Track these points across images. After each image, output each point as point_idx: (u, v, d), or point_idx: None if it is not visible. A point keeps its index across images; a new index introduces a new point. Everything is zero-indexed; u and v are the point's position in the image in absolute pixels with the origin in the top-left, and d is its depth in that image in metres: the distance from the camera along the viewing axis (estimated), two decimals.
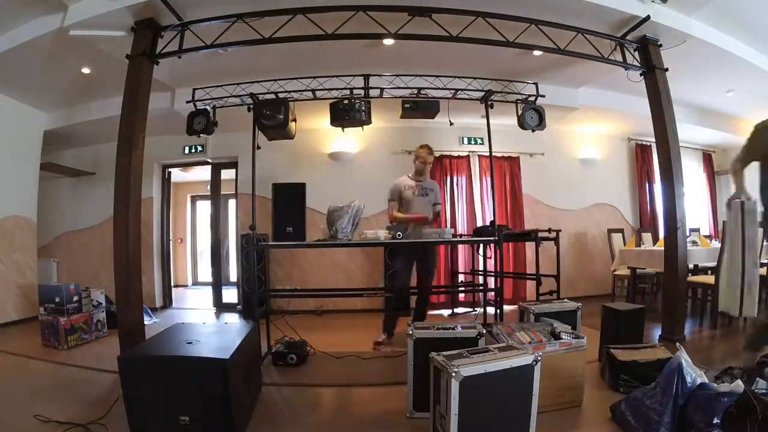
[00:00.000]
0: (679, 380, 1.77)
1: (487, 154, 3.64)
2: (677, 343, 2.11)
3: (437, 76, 3.69)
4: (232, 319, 5.04)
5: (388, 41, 3.33)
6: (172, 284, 6.04)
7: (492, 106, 3.64)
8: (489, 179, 5.21)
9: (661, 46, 3.54)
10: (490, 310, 3.86)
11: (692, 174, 6.61)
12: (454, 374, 1.61)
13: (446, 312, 5.07)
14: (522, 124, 3.57)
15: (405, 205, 3.68)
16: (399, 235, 3.03)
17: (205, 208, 8.07)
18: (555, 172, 5.93)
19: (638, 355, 2.44)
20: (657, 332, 3.56)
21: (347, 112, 3.43)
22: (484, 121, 3.58)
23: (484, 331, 2.24)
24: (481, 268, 4.60)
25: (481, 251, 4.53)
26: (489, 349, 1.86)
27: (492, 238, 3.24)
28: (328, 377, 2.82)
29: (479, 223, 5.49)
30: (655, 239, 5.60)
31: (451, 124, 3.80)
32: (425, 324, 2.41)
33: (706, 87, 4.85)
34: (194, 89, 3.63)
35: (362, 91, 3.53)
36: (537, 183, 5.82)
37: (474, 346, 2.04)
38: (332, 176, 5.52)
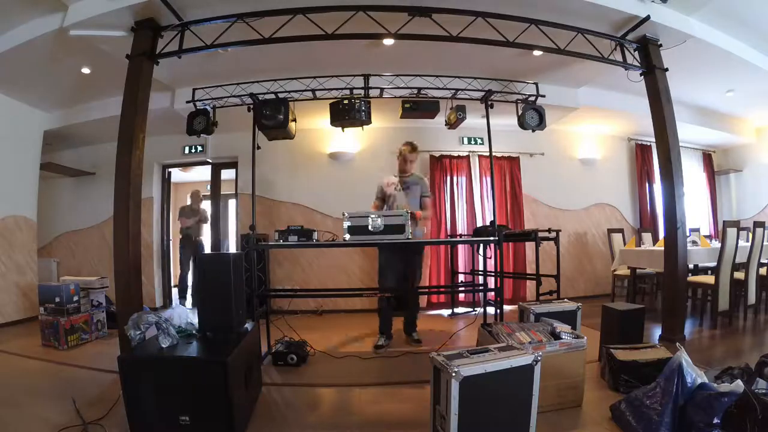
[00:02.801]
0: (679, 380, 1.77)
1: (487, 154, 3.64)
2: (677, 343, 2.11)
3: (437, 76, 3.69)
4: None
5: (388, 41, 3.33)
6: (172, 284, 6.04)
7: (492, 106, 3.64)
8: (489, 179, 5.22)
9: (661, 46, 3.54)
10: (490, 310, 3.86)
11: (692, 174, 6.61)
12: (454, 374, 1.61)
13: (446, 312, 5.07)
14: (522, 124, 3.58)
15: (388, 201, 3.64)
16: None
17: (205, 208, 8.06)
18: (555, 172, 5.93)
19: (638, 355, 2.44)
20: (657, 332, 3.56)
21: (347, 112, 3.43)
22: (484, 121, 3.58)
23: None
24: (481, 268, 4.60)
25: (481, 251, 4.53)
26: (489, 349, 1.86)
27: (492, 238, 3.24)
28: (328, 377, 2.82)
29: (479, 223, 5.49)
30: (655, 239, 5.60)
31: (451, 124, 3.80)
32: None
33: (706, 87, 4.85)
34: (194, 89, 3.64)
35: (362, 91, 3.53)
36: (537, 183, 5.82)
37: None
38: (332, 176, 5.53)
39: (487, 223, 4.78)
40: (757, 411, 1.62)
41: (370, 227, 2.96)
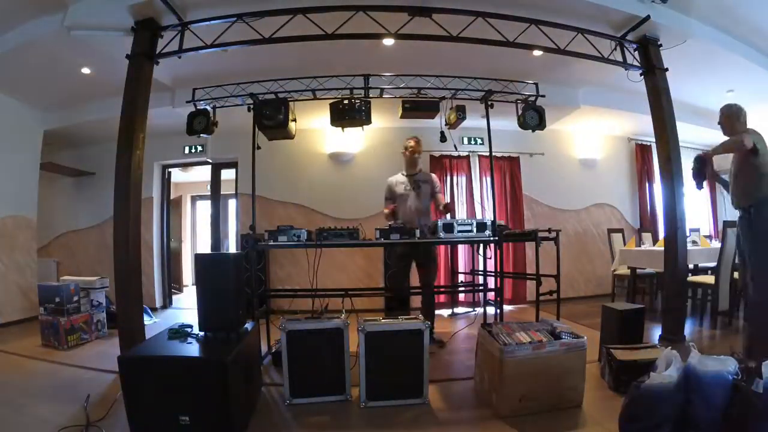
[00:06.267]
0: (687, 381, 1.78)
1: (487, 154, 3.64)
2: (690, 343, 2.08)
3: (437, 76, 3.68)
4: None
5: (388, 41, 3.33)
6: (172, 284, 6.03)
7: (492, 106, 3.64)
8: (489, 179, 5.21)
9: (661, 46, 3.54)
10: (490, 310, 3.86)
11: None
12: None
13: (446, 312, 5.07)
14: (522, 124, 3.57)
15: (400, 202, 3.66)
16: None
17: (205, 208, 8.08)
18: (555, 172, 5.92)
19: (638, 355, 2.44)
20: (657, 332, 3.56)
21: (347, 112, 3.43)
22: (484, 121, 3.58)
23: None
24: (481, 268, 4.60)
25: (481, 251, 4.53)
26: None
27: (492, 238, 3.24)
28: None
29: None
30: (655, 239, 5.59)
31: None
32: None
33: (706, 87, 4.85)
34: (194, 89, 3.63)
35: (362, 91, 3.52)
36: (537, 183, 5.82)
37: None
38: (332, 176, 5.53)
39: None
40: (757, 411, 1.62)
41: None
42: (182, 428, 1.81)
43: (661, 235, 4.80)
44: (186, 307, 5.80)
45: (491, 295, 3.72)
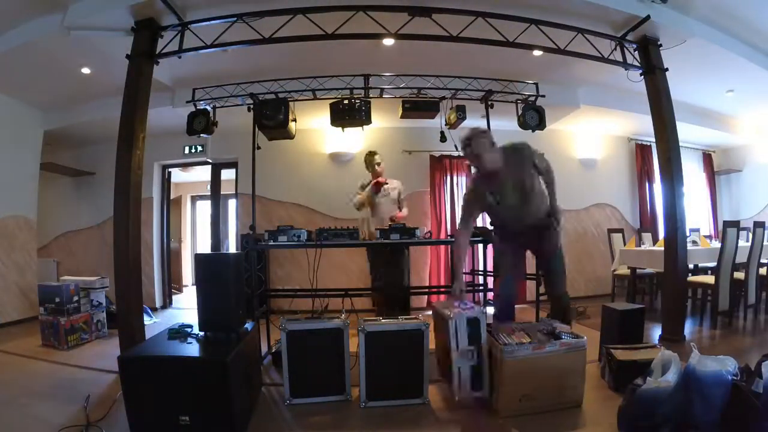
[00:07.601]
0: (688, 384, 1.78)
1: None
2: (692, 344, 2.07)
3: (437, 76, 3.69)
4: None
5: (388, 41, 3.33)
6: (172, 284, 6.03)
7: (492, 106, 3.64)
8: None
9: (661, 46, 3.54)
10: (490, 310, 3.85)
11: (692, 174, 6.61)
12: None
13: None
14: (522, 124, 3.58)
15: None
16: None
17: (205, 208, 8.08)
18: (555, 172, 5.91)
19: (638, 355, 2.44)
20: (657, 332, 3.56)
21: (347, 112, 3.44)
22: (484, 121, 3.59)
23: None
24: (481, 268, 4.60)
25: (481, 251, 4.52)
26: None
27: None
28: None
29: (479, 224, 5.48)
30: (655, 239, 5.59)
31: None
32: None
33: (706, 87, 4.85)
34: (194, 89, 3.64)
35: (362, 91, 3.53)
36: None
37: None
38: (332, 176, 5.52)
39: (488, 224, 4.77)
40: (757, 411, 1.62)
41: None
42: (182, 428, 1.81)
43: (661, 235, 4.80)
44: (186, 307, 5.80)
45: (491, 295, 3.72)
